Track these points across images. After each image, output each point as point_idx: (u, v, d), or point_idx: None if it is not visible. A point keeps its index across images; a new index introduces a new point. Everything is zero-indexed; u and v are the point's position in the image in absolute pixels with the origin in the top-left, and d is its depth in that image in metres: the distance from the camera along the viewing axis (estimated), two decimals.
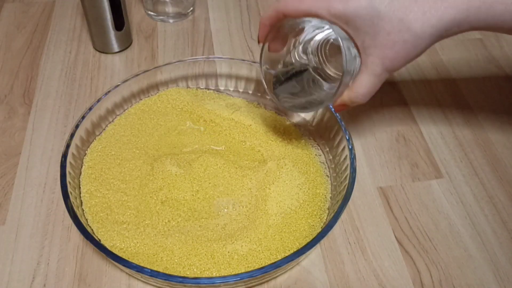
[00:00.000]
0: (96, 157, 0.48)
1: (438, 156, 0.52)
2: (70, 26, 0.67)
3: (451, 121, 0.56)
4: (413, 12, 0.33)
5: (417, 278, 0.42)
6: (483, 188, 0.49)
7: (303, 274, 0.42)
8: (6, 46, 0.64)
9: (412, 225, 0.46)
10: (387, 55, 0.35)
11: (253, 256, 0.41)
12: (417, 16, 0.33)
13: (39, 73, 0.60)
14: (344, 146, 0.46)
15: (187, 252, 0.41)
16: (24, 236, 0.44)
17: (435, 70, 0.62)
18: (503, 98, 0.59)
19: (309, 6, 0.35)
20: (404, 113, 0.56)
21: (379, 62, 0.36)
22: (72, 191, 0.42)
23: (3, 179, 0.49)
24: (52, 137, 0.53)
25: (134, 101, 0.53)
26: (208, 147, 0.50)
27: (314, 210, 0.45)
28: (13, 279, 0.42)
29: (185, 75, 0.55)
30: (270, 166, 0.47)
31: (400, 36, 0.34)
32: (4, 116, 0.55)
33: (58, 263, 0.43)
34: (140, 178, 0.46)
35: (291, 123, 0.52)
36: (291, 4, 0.36)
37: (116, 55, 0.63)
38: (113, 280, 0.42)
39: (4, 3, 0.71)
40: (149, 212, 0.44)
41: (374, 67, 0.36)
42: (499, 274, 0.43)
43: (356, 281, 0.42)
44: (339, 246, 0.44)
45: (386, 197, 0.48)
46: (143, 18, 0.68)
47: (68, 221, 0.45)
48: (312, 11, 0.35)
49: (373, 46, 0.35)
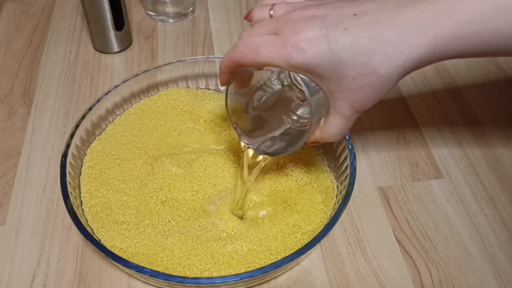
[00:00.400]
0: (96, 157, 0.48)
1: (438, 156, 0.52)
2: (70, 26, 0.67)
3: (451, 121, 0.56)
4: (377, 55, 0.31)
5: (417, 278, 0.42)
6: (483, 188, 0.49)
7: (303, 274, 0.42)
8: (6, 46, 0.64)
9: (412, 225, 0.46)
10: (355, 99, 0.34)
11: (253, 256, 0.41)
12: (381, 59, 0.31)
13: (39, 73, 0.60)
14: (344, 146, 0.46)
15: (187, 252, 0.41)
16: (24, 236, 0.44)
17: (435, 70, 0.62)
18: (503, 98, 0.59)
19: (266, 58, 0.33)
20: (404, 113, 0.56)
21: (348, 105, 0.34)
22: (72, 191, 0.42)
23: (3, 179, 0.49)
24: (52, 137, 0.53)
25: (134, 101, 0.53)
26: (208, 147, 0.50)
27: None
28: (13, 279, 0.42)
29: (185, 75, 0.55)
30: (270, 166, 0.47)
31: (366, 80, 0.32)
32: (4, 116, 0.55)
33: (58, 263, 0.43)
34: (140, 178, 0.46)
35: None
36: (247, 56, 0.34)
37: (116, 55, 0.63)
38: (113, 280, 0.42)
39: (4, 3, 0.71)
40: (149, 212, 0.44)
41: (343, 110, 0.35)
42: (499, 274, 0.43)
43: (356, 281, 0.42)
44: (339, 246, 0.44)
45: (386, 197, 0.48)
46: (143, 18, 0.68)
47: (68, 221, 0.45)
48: (269, 63, 0.33)
49: (339, 91, 0.34)
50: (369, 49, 0.31)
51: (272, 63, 0.33)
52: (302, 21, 0.32)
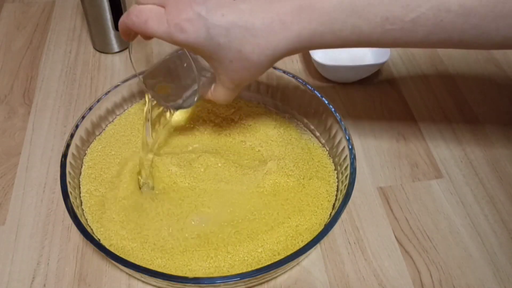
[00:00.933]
0: (96, 157, 0.48)
1: (438, 156, 0.52)
2: (70, 26, 0.67)
3: (451, 121, 0.56)
4: (250, 44, 0.35)
5: (417, 278, 0.42)
6: (483, 188, 0.49)
7: (303, 274, 0.42)
8: (6, 46, 0.64)
9: (412, 225, 0.46)
10: (234, 77, 0.38)
11: (253, 256, 0.41)
12: (253, 48, 0.35)
13: (39, 73, 0.60)
14: (344, 146, 0.46)
15: (187, 252, 0.41)
16: (24, 236, 0.44)
17: (435, 70, 0.62)
18: (503, 97, 0.59)
19: (153, 32, 0.36)
20: (404, 113, 0.56)
21: (229, 81, 0.39)
22: (72, 191, 0.42)
23: (3, 179, 0.49)
24: (52, 137, 0.53)
25: (134, 101, 0.53)
26: (208, 147, 0.50)
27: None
28: (13, 279, 0.42)
29: None
30: (270, 166, 0.47)
31: (241, 64, 0.36)
32: (4, 116, 0.55)
33: (58, 263, 0.43)
34: (140, 178, 0.46)
35: (291, 123, 0.52)
36: (138, 27, 0.37)
37: (116, 55, 0.63)
38: (113, 280, 0.42)
39: (4, 3, 0.71)
40: (149, 212, 0.44)
41: (226, 84, 0.39)
42: (499, 274, 0.43)
43: (356, 281, 0.42)
44: (339, 246, 0.44)
45: (386, 197, 0.48)
46: None
47: (68, 221, 0.45)
48: (156, 36, 0.36)
49: (220, 69, 0.38)
50: (242, 37, 0.34)
51: (159, 37, 0.36)
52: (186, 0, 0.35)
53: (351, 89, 0.59)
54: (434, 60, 0.63)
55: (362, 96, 0.58)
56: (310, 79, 0.60)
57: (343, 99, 0.57)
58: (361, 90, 0.58)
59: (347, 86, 0.59)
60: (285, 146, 0.49)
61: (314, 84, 0.58)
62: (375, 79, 0.60)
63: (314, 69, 0.61)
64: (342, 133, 0.46)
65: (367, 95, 0.58)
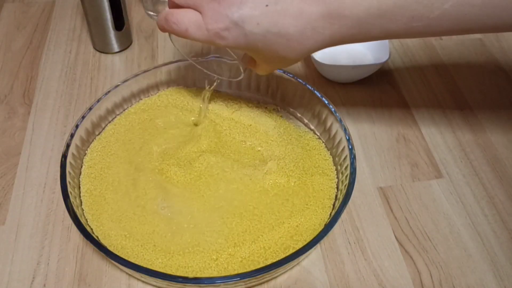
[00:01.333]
0: (96, 157, 0.48)
1: (438, 156, 0.52)
2: (70, 26, 0.67)
3: (451, 121, 0.56)
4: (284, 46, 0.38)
5: (417, 278, 0.42)
6: (483, 188, 0.49)
7: (303, 274, 0.42)
8: (6, 46, 0.64)
9: (412, 225, 0.46)
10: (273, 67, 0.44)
11: (253, 256, 0.41)
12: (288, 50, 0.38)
13: (39, 73, 0.60)
14: (344, 146, 0.46)
15: (188, 252, 0.41)
16: (24, 236, 0.44)
17: (435, 70, 0.62)
18: (503, 97, 0.59)
19: (194, 38, 0.38)
20: (404, 113, 0.56)
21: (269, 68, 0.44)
22: (72, 191, 0.42)
23: (3, 179, 0.49)
24: (52, 137, 0.53)
25: (134, 101, 0.53)
26: (208, 147, 0.50)
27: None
28: (13, 279, 0.42)
29: (185, 75, 0.55)
30: (270, 166, 0.47)
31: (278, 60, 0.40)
32: (4, 116, 0.55)
33: (58, 263, 0.43)
34: (140, 178, 0.46)
35: (291, 123, 0.52)
36: (178, 32, 0.39)
37: (116, 55, 0.63)
38: (113, 280, 0.42)
39: (4, 3, 0.71)
40: (150, 212, 0.44)
41: (265, 67, 0.44)
42: (499, 274, 0.43)
43: (356, 281, 0.42)
44: (339, 246, 0.44)
45: (386, 197, 0.48)
46: (143, 18, 0.68)
47: (68, 221, 0.45)
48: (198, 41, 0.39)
49: (259, 60, 0.42)
50: (278, 42, 0.37)
51: (201, 41, 0.39)
52: (222, 7, 0.36)
53: (351, 89, 0.59)
54: (434, 60, 0.63)
55: (362, 96, 0.58)
56: (310, 79, 0.60)
57: (343, 99, 0.57)
58: (361, 90, 0.58)
59: (347, 86, 0.59)
60: (285, 146, 0.49)
61: (314, 84, 0.58)
62: (375, 79, 0.60)
63: (314, 69, 0.61)
64: (342, 133, 0.46)
65: (367, 95, 0.58)
